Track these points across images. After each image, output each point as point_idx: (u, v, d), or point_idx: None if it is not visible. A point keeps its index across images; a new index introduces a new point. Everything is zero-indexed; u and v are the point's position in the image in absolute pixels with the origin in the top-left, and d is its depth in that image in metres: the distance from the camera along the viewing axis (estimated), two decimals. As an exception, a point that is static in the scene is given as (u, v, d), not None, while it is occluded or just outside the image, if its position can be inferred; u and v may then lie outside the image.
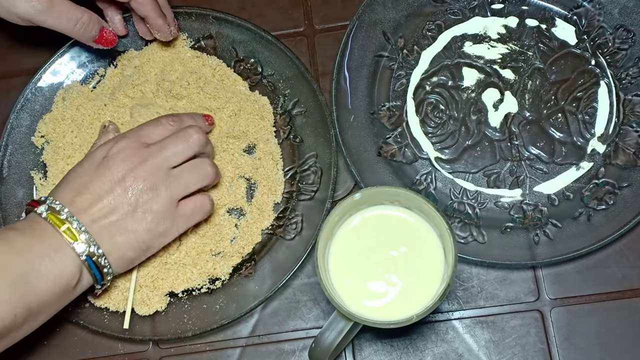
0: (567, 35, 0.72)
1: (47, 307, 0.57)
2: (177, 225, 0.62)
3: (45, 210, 0.58)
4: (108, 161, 0.60)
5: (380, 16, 0.72)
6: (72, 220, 0.57)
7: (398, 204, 0.59)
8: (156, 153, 0.61)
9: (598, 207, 0.67)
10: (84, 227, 0.58)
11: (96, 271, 0.59)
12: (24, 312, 0.55)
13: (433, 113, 0.71)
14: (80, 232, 0.57)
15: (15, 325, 0.55)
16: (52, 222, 0.57)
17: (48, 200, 0.59)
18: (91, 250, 0.58)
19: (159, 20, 0.68)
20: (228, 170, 0.68)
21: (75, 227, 0.57)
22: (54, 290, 0.57)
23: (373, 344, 0.65)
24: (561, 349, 0.64)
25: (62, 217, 0.58)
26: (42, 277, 0.56)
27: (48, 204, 0.58)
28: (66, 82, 0.72)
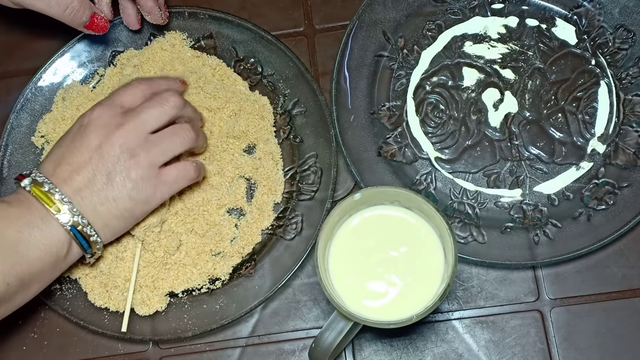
0: (567, 35, 0.72)
1: (39, 276, 0.58)
2: (160, 192, 0.61)
3: (29, 184, 0.58)
4: (84, 129, 0.60)
5: (380, 16, 0.72)
6: (54, 191, 0.58)
7: (398, 204, 0.59)
8: (132, 117, 0.60)
9: (598, 207, 0.67)
10: (67, 198, 0.58)
11: (83, 240, 0.59)
12: (16, 282, 0.56)
13: (433, 113, 0.71)
14: (63, 203, 0.58)
15: (8, 295, 0.56)
16: (35, 195, 0.58)
17: (32, 173, 0.59)
18: (75, 220, 0.58)
19: (149, 2, 0.67)
20: (228, 170, 0.68)
21: (57, 198, 0.58)
22: (45, 259, 0.57)
23: (373, 344, 0.65)
24: (561, 349, 0.64)
25: (44, 189, 0.58)
26: (32, 247, 0.56)
27: (32, 177, 0.59)
28: (66, 82, 0.72)
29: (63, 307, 0.65)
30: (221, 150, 0.69)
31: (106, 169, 0.59)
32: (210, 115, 0.70)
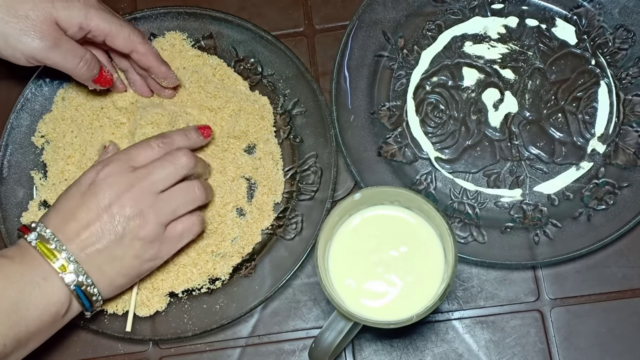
0: (567, 35, 0.72)
1: (36, 336, 0.57)
2: (165, 249, 0.61)
3: (34, 239, 0.57)
4: (95, 187, 0.59)
5: (380, 16, 0.72)
6: (61, 249, 0.57)
7: (398, 204, 0.59)
8: (143, 178, 0.59)
9: (598, 207, 0.67)
10: (73, 257, 0.57)
11: (85, 300, 0.58)
12: (13, 342, 0.55)
13: (433, 113, 0.71)
14: (69, 262, 0.57)
15: (4, 355, 0.55)
16: (41, 251, 0.57)
17: (38, 227, 0.58)
18: (80, 280, 0.57)
19: (163, 67, 0.67)
20: (230, 170, 0.68)
21: (64, 256, 0.57)
22: (44, 319, 0.56)
23: (373, 344, 0.65)
24: (561, 349, 0.64)
25: (51, 247, 0.57)
26: (32, 306, 0.55)
27: (38, 231, 0.58)
28: (66, 82, 0.72)
29: (63, 307, 0.65)
30: (222, 150, 0.69)
31: (115, 228, 0.58)
32: (211, 115, 0.70)
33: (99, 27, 0.63)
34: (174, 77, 0.68)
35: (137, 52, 0.65)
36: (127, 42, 0.65)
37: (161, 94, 0.70)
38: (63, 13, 0.61)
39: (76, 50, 0.63)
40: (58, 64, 0.63)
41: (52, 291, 0.56)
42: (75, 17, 0.62)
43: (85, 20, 0.62)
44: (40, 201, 0.69)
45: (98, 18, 0.63)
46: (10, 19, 0.60)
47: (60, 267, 0.56)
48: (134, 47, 0.65)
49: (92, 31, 0.63)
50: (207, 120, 0.70)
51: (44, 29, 0.61)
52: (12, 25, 0.60)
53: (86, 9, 0.62)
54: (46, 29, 0.61)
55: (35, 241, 0.57)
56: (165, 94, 0.70)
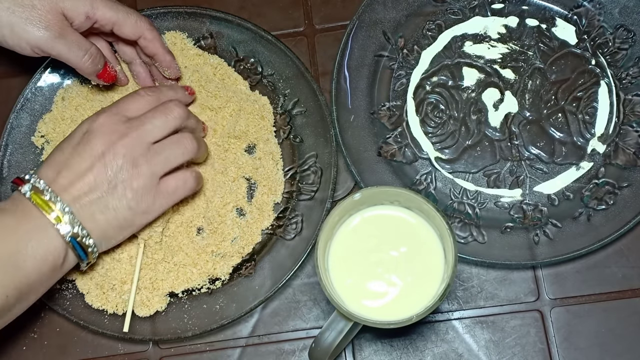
0: (567, 35, 0.72)
1: (36, 286, 0.57)
2: (159, 203, 0.61)
3: (29, 190, 0.58)
4: (88, 136, 0.59)
5: (380, 16, 0.72)
6: (55, 200, 0.57)
7: (398, 204, 0.59)
8: (136, 127, 0.60)
9: (598, 207, 0.67)
10: (68, 208, 0.57)
11: (80, 251, 0.59)
12: (14, 293, 0.55)
13: (433, 113, 0.71)
14: (64, 214, 0.57)
15: (7, 307, 0.56)
16: (35, 203, 0.57)
17: (32, 179, 0.58)
18: (75, 231, 0.57)
19: (168, 56, 0.68)
20: (231, 171, 0.68)
21: (58, 207, 0.57)
22: (42, 270, 0.57)
23: (373, 344, 0.65)
24: (561, 349, 0.64)
25: (45, 198, 0.57)
26: (29, 257, 0.56)
27: (32, 183, 0.58)
28: (66, 82, 0.72)
29: (63, 307, 0.65)
30: (224, 150, 0.69)
31: (108, 177, 0.58)
32: (212, 115, 0.70)
33: (106, 15, 0.64)
34: (176, 68, 0.69)
35: (145, 38, 0.66)
36: (134, 28, 0.65)
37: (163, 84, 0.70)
38: (69, 3, 0.62)
39: (82, 43, 0.63)
40: (63, 55, 0.63)
41: (48, 242, 0.57)
42: (82, 6, 0.62)
43: (92, 10, 0.63)
44: (40, 201, 0.69)
45: (104, 7, 0.63)
46: (17, 8, 0.60)
47: (55, 218, 0.57)
48: (142, 33, 0.66)
49: (99, 20, 0.64)
50: (207, 119, 0.70)
51: (50, 19, 0.61)
52: (18, 14, 0.60)
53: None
54: (52, 19, 0.61)
55: (29, 192, 0.57)
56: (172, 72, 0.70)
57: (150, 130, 0.60)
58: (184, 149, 0.62)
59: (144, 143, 0.60)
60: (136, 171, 0.59)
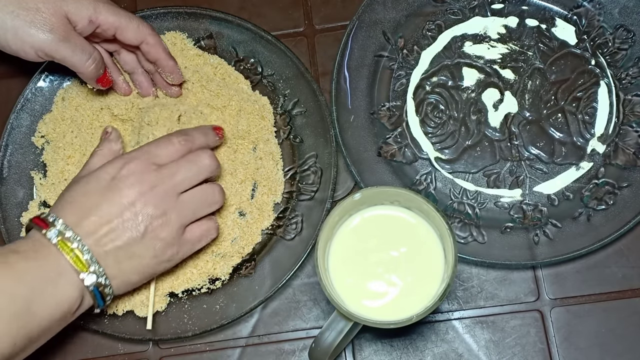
0: (567, 35, 0.72)
1: (47, 332, 0.56)
2: (182, 251, 0.61)
3: (55, 236, 0.56)
4: (118, 183, 0.58)
5: (380, 16, 0.72)
6: (83, 250, 0.56)
7: (398, 204, 0.59)
8: (167, 178, 0.59)
9: (598, 207, 0.67)
10: (94, 257, 0.56)
11: (100, 299, 0.58)
12: (24, 341, 0.54)
13: (433, 113, 0.71)
14: (91, 264, 0.56)
15: (14, 354, 0.54)
16: (62, 250, 0.55)
17: (57, 223, 0.56)
18: (99, 281, 0.57)
19: (171, 62, 0.67)
20: (240, 172, 0.68)
21: (85, 258, 0.56)
22: (55, 316, 0.55)
23: (373, 344, 0.65)
24: (561, 349, 0.64)
25: (72, 246, 0.56)
26: (44, 305, 0.54)
27: (59, 228, 0.56)
28: (66, 82, 0.72)
29: (63, 307, 0.65)
30: (233, 151, 0.69)
31: (137, 226, 0.57)
32: (219, 114, 0.70)
33: (108, 20, 0.64)
34: (179, 74, 0.68)
35: (147, 43, 0.66)
36: (136, 33, 0.65)
37: (167, 91, 0.70)
38: (73, 6, 0.62)
39: (85, 47, 0.63)
40: (67, 59, 0.63)
41: (65, 289, 0.55)
42: (85, 10, 0.62)
43: (95, 14, 0.63)
44: (40, 201, 0.69)
45: (107, 11, 0.63)
46: (21, 11, 0.60)
47: (81, 267, 0.56)
48: (144, 38, 0.65)
49: (101, 25, 0.64)
50: (216, 119, 0.69)
51: (54, 22, 0.61)
52: (22, 17, 0.60)
53: (95, 3, 0.63)
54: (56, 22, 0.61)
55: (56, 239, 0.56)
56: (171, 92, 0.70)
57: (181, 181, 0.60)
58: (213, 200, 0.62)
59: (174, 194, 0.59)
60: (165, 222, 0.58)
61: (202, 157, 0.61)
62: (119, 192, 0.58)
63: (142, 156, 0.60)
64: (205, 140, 0.64)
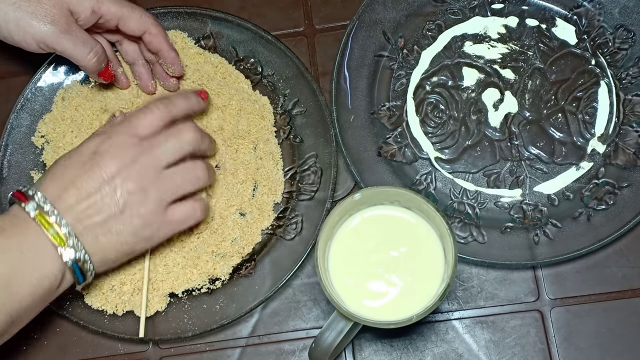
0: (567, 35, 0.72)
1: (28, 311, 0.55)
2: (163, 231, 0.60)
3: (33, 209, 0.55)
4: (98, 157, 0.57)
5: (380, 16, 0.72)
6: (61, 223, 0.55)
7: (398, 204, 0.59)
8: (148, 151, 0.58)
9: (598, 207, 0.67)
10: (73, 231, 0.55)
11: (80, 275, 0.57)
12: (6, 319, 0.53)
13: (433, 113, 0.71)
14: (69, 237, 0.55)
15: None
16: (40, 223, 0.55)
17: (36, 196, 0.56)
18: (78, 256, 0.56)
19: (172, 53, 0.67)
20: (240, 173, 0.68)
21: (64, 232, 0.55)
22: (37, 293, 0.55)
23: (373, 344, 0.65)
24: (561, 349, 0.64)
25: (51, 220, 0.55)
26: (24, 282, 0.54)
27: (37, 202, 0.55)
28: (66, 82, 0.72)
29: (63, 307, 0.65)
30: (234, 151, 0.69)
31: (116, 201, 0.56)
32: (220, 113, 0.70)
33: (111, 10, 0.63)
34: (180, 65, 0.68)
35: (150, 33, 0.65)
36: (139, 23, 0.65)
37: (166, 83, 0.70)
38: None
39: (87, 40, 0.63)
40: (68, 51, 0.63)
41: (45, 265, 0.55)
42: (87, 1, 0.62)
43: (97, 4, 0.63)
44: (40, 201, 0.69)
45: (109, 2, 0.63)
46: (23, 2, 0.60)
47: (59, 241, 0.55)
48: (147, 28, 0.65)
49: (104, 15, 0.64)
50: (216, 117, 0.69)
51: (56, 13, 0.61)
52: (24, 8, 0.60)
53: None
54: (57, 14, 0.61)
55: (34, 212, 0.55)
56: (169, 84, 0.70)
57: (162, 156, 0.59)
58: (196, 178, 0.61)
59: (155, 168, 0.58)
60: (145, 197, 0.57)
61: (185, 129, 0.60)
62: (98, 165, 0.57)
63: (123, 129, 0.59)
64: (188, 105, 0.63)
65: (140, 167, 0.58)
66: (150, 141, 0.59)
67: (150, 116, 0.60)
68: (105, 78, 0.67)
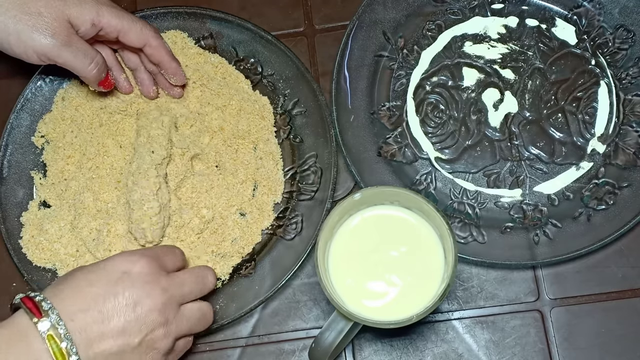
0: (567, 35, 0.72)
1: None
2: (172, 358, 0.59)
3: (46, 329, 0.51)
4: (127, 278, 0.54)
5: (380, 16, 0.72)
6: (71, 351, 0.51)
7: (398, 204, 0.59)
8: (176, 287, 0.57)
9: (598, 207, 0.67)
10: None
11: None
12: None
13: (433, 113, 0.71)
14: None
15: None
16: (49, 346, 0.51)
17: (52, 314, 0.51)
18: None
19: (174, 63, 0.67)
20: (241, 173, 0.68)
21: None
22: None
23: (373, 344, 0.65)
24: (561, 349, 0.64)
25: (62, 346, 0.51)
26: None
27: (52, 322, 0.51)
28: (66, 82, 0.72)
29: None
30: (234, 151, 0.69)
31: (139, 330, 0.54)
32: (220, 113, 0.70)
33: (111, 23, 0.64)
34: (183, 75, 0.68)
35: (150, 45, 0.66)
36: (139, 36, 0.65)
37: (169, 92, 0.70)
38: (75, 10, 0.62)
39: (88, 51, 0.63)
40: (68, 63, 0.63)
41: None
42: (87, 13, 0.62)
43: (97, 17, 0.63)
44: (40, 201, 0.69)
45: (109, 14, 0.63)
46: (23, 15, 0.60)
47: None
48: (147, 41, 0.65)
49: (104, 28, 0.64)
50: (216, 117, 0.69)
51: (56, 26, 0.61)
52: (24, 22, 0.60)
53: (97, 6, 0.63)
54: (58, 27, 0.61)
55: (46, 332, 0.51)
56: (174, 93, 0.70)
57: (187, 294, 0.58)
58: (204, 320, 0.60)
59: (177, 305, 0.57)
60: (165, 332, 0.55)
61: (208, 275, 0.61)
62: (127, 289, 0.54)
63: (150, 258, 0.57)
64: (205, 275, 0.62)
65: (167, 300, 0.56)
66: (179, 277, 0.58)
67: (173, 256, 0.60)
68: (105, 87, 0.67)
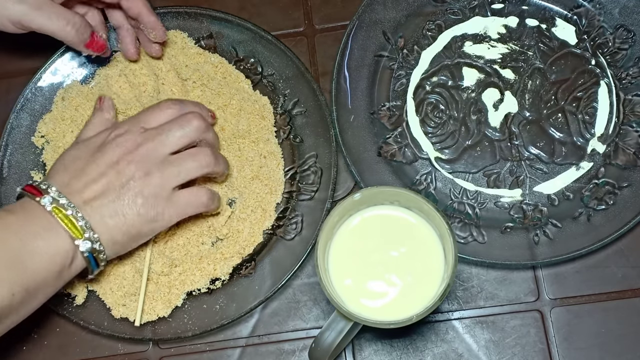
0: (567, 35, 0.72)
1: (43, 286, 0.57)
2: (168, 213, 0.61)
3: (49, 203, 0.57)
4: (104, 146, 0.60)
5: (380, 16, 0.72)
6: (77, 216, 0.57)
7: (398, 204, 0.59)
8: (152, 137, 0.60)
9: (598, 207, 0.67)
10: (89, 224, 0.57)
11: (94, 264, 0.59)
12: (21, 291, 0.55)
13: (433, 113, 0.71)
14: (86, 230, 0.57)
15: (15, 306, 0.55)
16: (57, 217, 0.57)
17: (51, 190, 0.58)
18: (94, 247, 0.58)
19: (152, 17, 0.67)
20: (245, 172, 0.68)
21: (80, 224, 0.57)
22: (50, 268, 0.56)
23: (373, 344, 0.65)
24: (561, 349, 0.64)
25: (67, 213, 0.57)
26: (36, 256, 0.55)
27: (53, 195, 0.58)
28: (66, 82, 0.72)
29: (63, 307, 0.65)
30: (237, 149, 0.69)
31: (120, 183, 0.59)
32: (221, 113, 0.70)
33: None
34: (162, 30, 0.68)
35: None
36: None
37: (148, 49, 0.70)
38: None
39: (62, 13, 0.63)
40: (44, 27, 0.63)
41: (55, 242, 0.56)
42: None
43: None
44: (40, 201, 0.69)
45: None
46: None
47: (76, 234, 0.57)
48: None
49: None
50: (218, 117, 0.69)
51: None
52: None
53: None
54: None
55: (50, 205, 0.57)
56: (152, 49, 0.69)
57: (166, 141, 0.61)
58: (200, 162, 0.62)
59: (159, 153, 0.60)
60: (148, 179, 0.59)
61: (189, 117, 0.62)
62: (105, 153, 0.60)
63: (130, 121, 0.62)
64: (197, 109, 0.65)
65: (144, 151, 0.60)
66: (156, 129, 0.61)
67: (159, 114, 0.63)
68: (94, 49, 0.67)
